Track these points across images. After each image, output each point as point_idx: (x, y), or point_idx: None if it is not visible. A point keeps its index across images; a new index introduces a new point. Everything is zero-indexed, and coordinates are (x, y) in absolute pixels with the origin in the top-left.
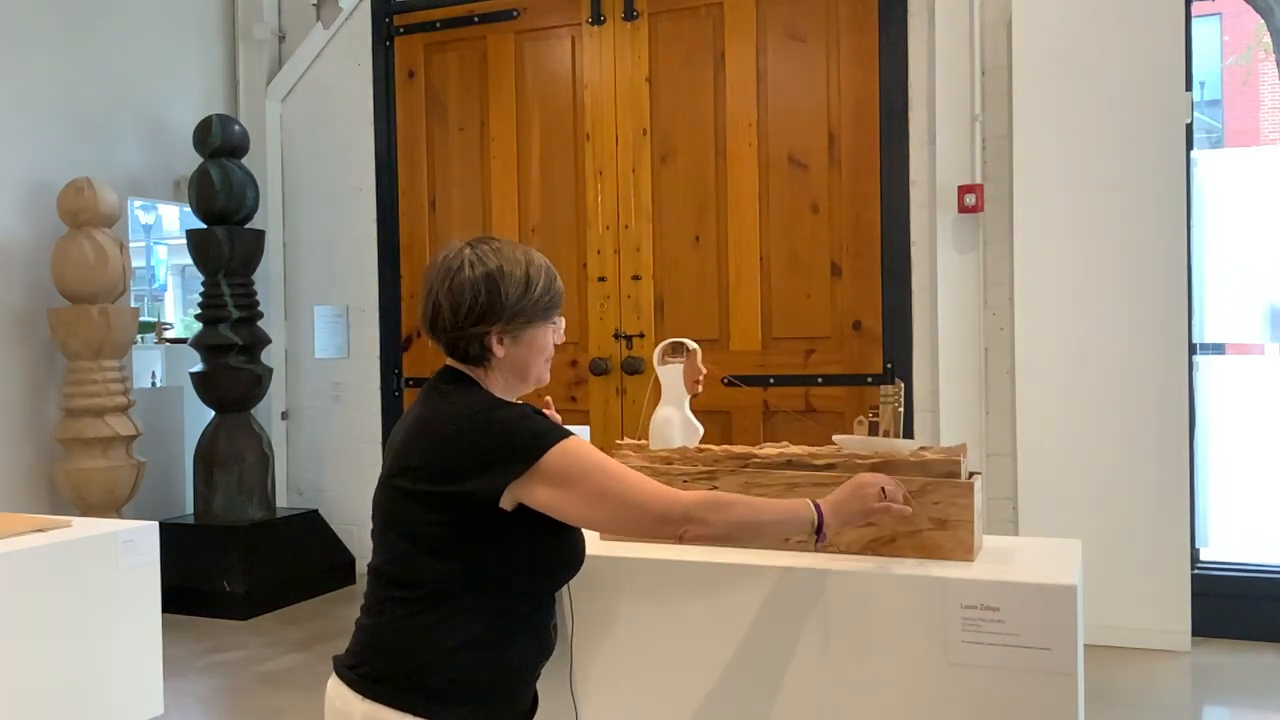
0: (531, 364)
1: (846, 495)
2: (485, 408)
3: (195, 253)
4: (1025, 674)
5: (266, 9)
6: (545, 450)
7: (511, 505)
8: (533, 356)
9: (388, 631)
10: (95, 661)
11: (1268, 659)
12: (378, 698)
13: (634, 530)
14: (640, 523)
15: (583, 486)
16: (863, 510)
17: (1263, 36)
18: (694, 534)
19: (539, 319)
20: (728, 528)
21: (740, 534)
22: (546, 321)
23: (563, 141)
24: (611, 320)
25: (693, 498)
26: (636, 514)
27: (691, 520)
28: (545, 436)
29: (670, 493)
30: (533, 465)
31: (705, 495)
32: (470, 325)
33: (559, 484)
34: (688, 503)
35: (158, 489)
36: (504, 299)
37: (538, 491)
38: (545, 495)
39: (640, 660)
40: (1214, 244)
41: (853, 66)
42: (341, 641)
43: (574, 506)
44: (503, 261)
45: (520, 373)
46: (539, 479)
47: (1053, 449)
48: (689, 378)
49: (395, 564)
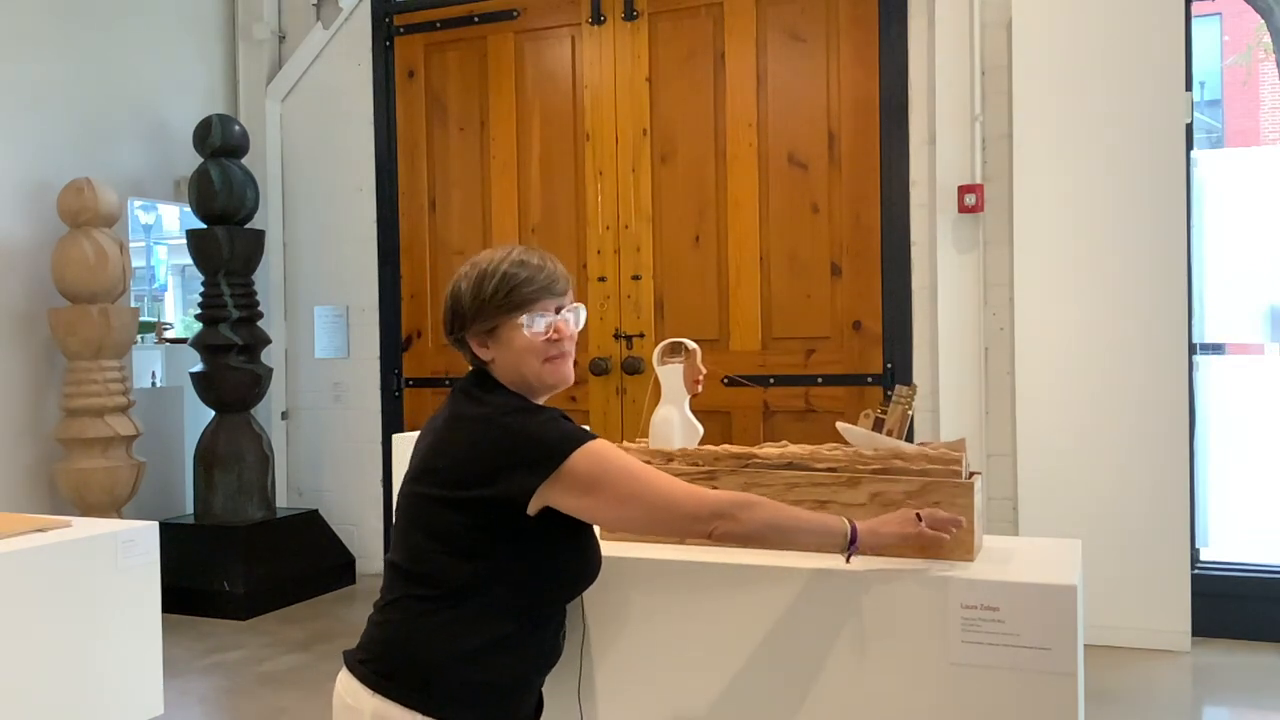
0: (521, 364)
1: (887, 518)
2: (510, 411)
3: (195, 253)
4: (1025, 674)
5: (266, 9)
6: (569, 453)
7: (537, 510)
8: (515, 357)
9: (403, 629)
10: (95, 661)
11: (1268, 659)
12: (388, 694)
13: (665, 529)
14: (672, 522)
15: (612, 489)
16: (898, 533)
17: (1263, 36)
18: (723, 530)
19: (503, 317)
20: (758, 528)
21: (770, 535)
22: (510, 318)
23: (563, 141)
24: (611, 320)
25: (724, 496)
26: (668, 513)
27: (722, 517)
28: (569, 440)
29: (699, 491)
30: (558, 469)
31: (737, 494)
32: (454, 334)
33: (587, 487)
34: (718, 500)
35: (158, 489)
36: (464, 304)
37: (565, 495)
38: (573, 499)
39: (644, 660)
40: (1214, 244)
41: (853, 66)
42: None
43: (604, 509)
44: (471, 267)
45: (517, 374)
46: (565, 483)
47: (1053, 449)
48: (689, 378)
49: (416, 562)
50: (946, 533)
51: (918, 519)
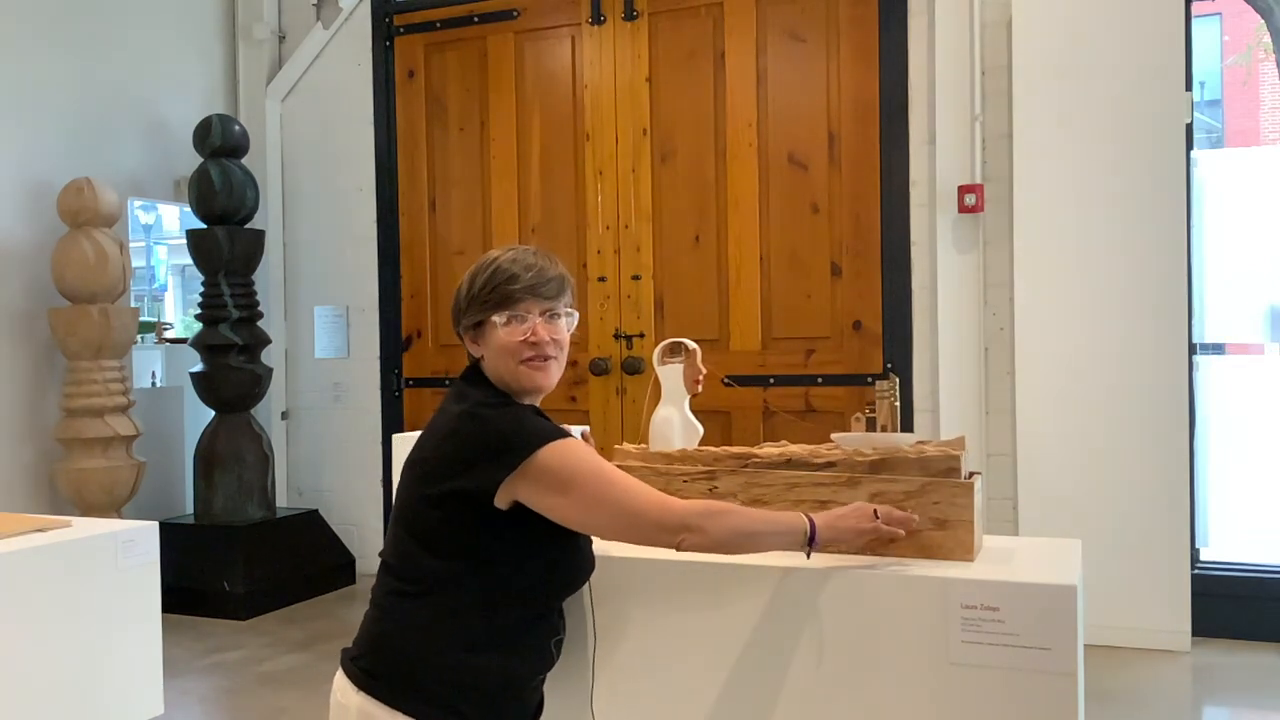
0: (499, 363)
1: (843, 512)
2: (486, 405)
3: (195, 253)
4: (1025, 674)
5: (266, 9)
6: (535, 449)
7: (507, 504)
8: (494, 356)
9: (387, 625)
10: (95, 661)
11: (1268, 659)
12: (372, 693)
13: (632, 537)
14: (638, 530)
15: (579, 490)
16: (855, 529)
17: (1263, 36)
18: (691, 543)
19: (486, 313)
20: (725, 535)
21: (737, 543)
22: (490, 316)
23: (563, 141)
24: (611, 320)
25: (690, 506)
26: (634, 521)
27: (689, 529)
28: (537, 435)
29: (669, 501)
30: (524, 463)
31: (703, 504)
32: (455, 327)
33: (553, 486)
34: (685, 511)
35: (158, 489)
36: (458, 299)
37: (532, 492)
38: (539, 496)
39: (645, 660)
40: (1214, 244)
41: (853, 66)
42: (341, 641)
43: (570, 510)
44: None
45: (498, 373)
46: (530, 478)
47: (1053, 449)
48: (689, 378)
49: (399, 559)
50: (902, 529)
51: (874, 515)
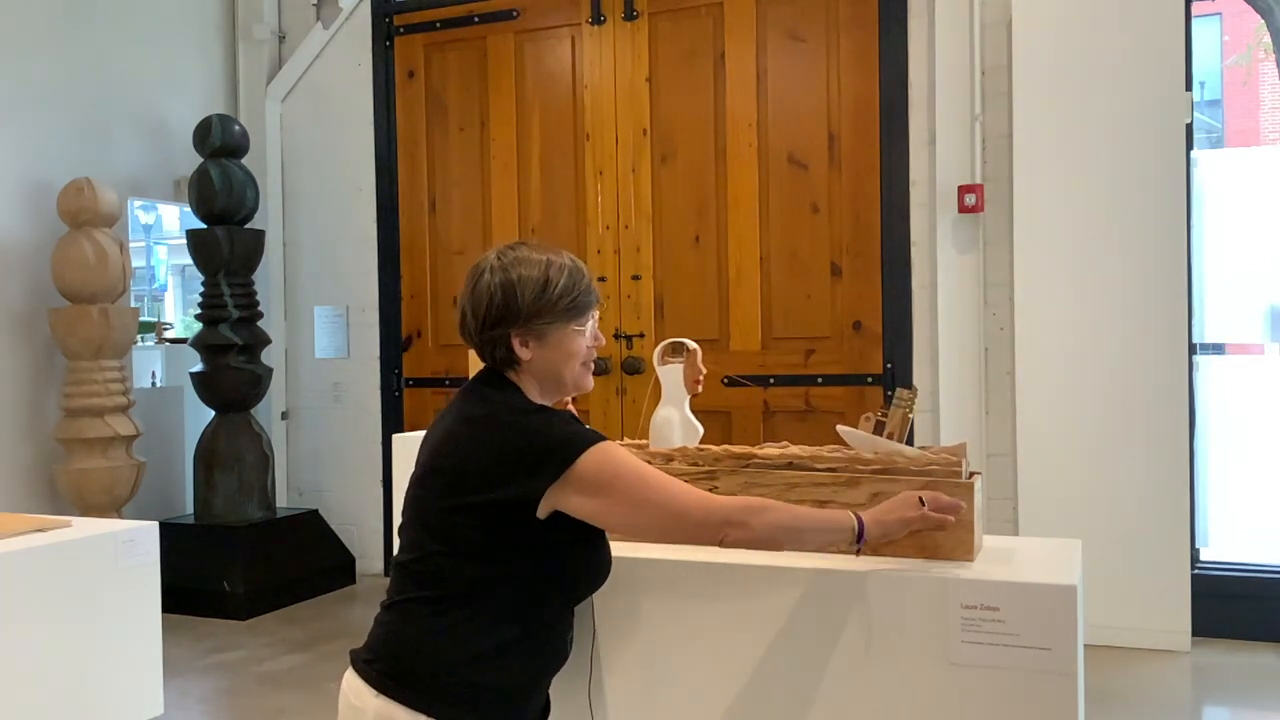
0: (562, 368)
1: (889, 505)
2: (520, 412)
3: (195, 253)
4: (1025, 674)
5: (266, 9)
6: (578, 455)
7: (547, 513)
8: (560, 360)
9: (409, 630)
10: (95, 661)
11: (1268, 659)
12: (393, 695)
13: (675, 536)
14: (682, 529)
15: (621, 493)
16: (901, 519)
17: (1263, 36)
18: (735, 538)
19: (560, 321)
20: (769, 531)
21: (781, 538)
22: (569, 324)
23: (563, 141)
24: (611, 320)
25: (733, 502)
26: (678, 520)
27: (732, 524)
28: (578, 441)
29: (709, 498)
30: (566, 471)
31: (746, 500)
32: (490, 329)
33: (596, 490)
34: (728, 507)
35: (158, 489)
36: (520, 301)
37: (574, 498)
38: (582, 502)
39: (650, 661)
40: (1214, 244)
41: (853, 66)
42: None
43: (613, 513)
44: (521, 264)
45: (552, 377)
46: (574, 485)
47: (1053, 449)
48: (689, 378)
49: (423, 562)
50: (950, 515)
51: (920, 502)
